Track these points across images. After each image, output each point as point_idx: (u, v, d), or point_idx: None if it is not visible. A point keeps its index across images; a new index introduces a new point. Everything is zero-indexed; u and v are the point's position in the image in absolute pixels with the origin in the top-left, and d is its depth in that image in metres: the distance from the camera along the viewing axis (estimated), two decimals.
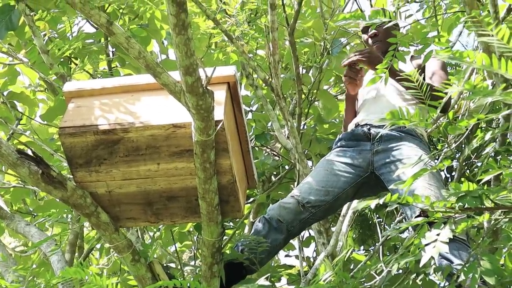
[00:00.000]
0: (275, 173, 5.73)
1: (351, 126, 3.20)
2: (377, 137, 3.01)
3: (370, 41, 3.35)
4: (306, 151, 5.44)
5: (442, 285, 3.12)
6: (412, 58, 3.36)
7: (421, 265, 1.94)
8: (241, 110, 2.68)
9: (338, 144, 3.15)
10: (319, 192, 2.96)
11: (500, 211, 2.08)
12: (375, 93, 3.23)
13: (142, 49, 2.17)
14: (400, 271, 4.40)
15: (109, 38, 4.57)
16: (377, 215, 5.73)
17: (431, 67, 3.17)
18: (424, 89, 2.12)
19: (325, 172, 3.02)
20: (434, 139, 5.04)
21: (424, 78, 3.07)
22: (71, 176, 2.55)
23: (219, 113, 2.38)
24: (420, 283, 4.30)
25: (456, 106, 4.22)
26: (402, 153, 2.90)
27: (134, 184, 2.54)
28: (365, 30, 3.40)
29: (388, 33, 3.19)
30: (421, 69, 3.18)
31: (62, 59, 4.59)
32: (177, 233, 5.65)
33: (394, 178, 2.78)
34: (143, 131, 2.45)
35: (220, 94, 2.47)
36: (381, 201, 2.02)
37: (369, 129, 3.06)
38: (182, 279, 4.34)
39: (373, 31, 3.31)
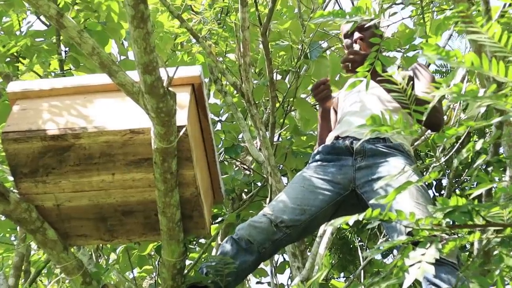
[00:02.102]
0: (246, 190, 5.74)
1: (330, 139, 3.20)
2: (361, 151, 3.01)
3: (355, 46, 3.34)
4: (281, 166, 5.45)
5: None
6: (399, 68, 3.38)
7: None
8: (206, 115, 2.67)
9: (316, 158, 3.15)
10: (294, 210, 2.95)
11: (492, 229, 2.09)
12: (359, 104, 3.24)
13: (96, 45, 2.16)
14: None
15: (61, 36, 4.54)
16: (359, 238, 5.75)
17: (420, 80, 3.19)
18: (409, 93, 2.13)
19: (301, 189, 3.01)
20: (421, 153, 5.08)
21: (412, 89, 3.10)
22: (16, 189, 2.52)
23: (182, 117, 2.38)
24: None
25: (446, 117, 4.26)
26: (388, 170, 2.90)
27: (86, 197, 2.52)
28: (347, 34, 3.40)
29: (374, 36, 3.20)
30: (409, 80, 3.19)
31: (8, 58, 4.56)
32: (136, 257, 5.62)
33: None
34: (97, 137, 2.44)
35: (183, 97, 2.46)
36: (360, 217, 2.01)
37: (351, 143, 3.06)
38: None
39: (359, 35, 3.32)
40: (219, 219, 5.68)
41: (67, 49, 4.79)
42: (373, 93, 3.16)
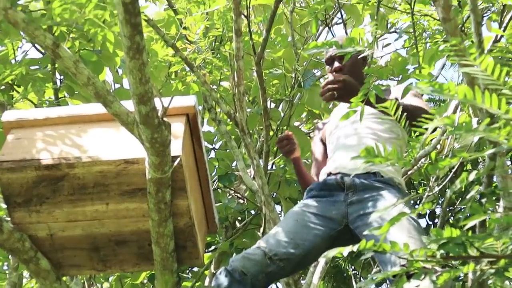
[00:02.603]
0: (239, 218, 5.73)
1: (323, 175, 3.20)
2: (351, 186, 3.01)
3: (329, 75, 3.27)
4: (275, 194, 5.44)
5: None
6: (384, 92, 3.35)
7: None
8: (201, 145, 2.67)
9: (310, 194, 3.14)
10: (288, 244, 2.93)
11: (486, 260, 2.08)
12: (352, 139, 3.21)
13: (91, 75, 2.17)
14: None
15: (56, 65, 4.55)
16: (353, 267, 5.73)
17: (406, 98, 3.18)
18: (403, 124, 2.13)
19: (294, 223, 3.00)
20: (415, 182, 5.08)
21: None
22: (9, 218, 2.52)
23: (176, 147, 2.38)
24: None
25: (439, 146, 4.28)
26: (380, 204, 2.89)
27: (80, 227, 2.51)
28: (329, 61, 3.36)
29: (355, 67, 3.20)
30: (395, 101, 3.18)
31: (3, 87, 4.56)
32: (129, 285, 5.59)
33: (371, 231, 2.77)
34: (91, 167, 2.43)
35: (178, 127, 2.46)
36: (354, 248, 2.01)
37: (341, 178, 3.06)
38: None
39: (338, 64, 3.27)
40: (212, 247, 5.66)
41: (62, 77, 4.79)
42: (364, 124, 3.14)
